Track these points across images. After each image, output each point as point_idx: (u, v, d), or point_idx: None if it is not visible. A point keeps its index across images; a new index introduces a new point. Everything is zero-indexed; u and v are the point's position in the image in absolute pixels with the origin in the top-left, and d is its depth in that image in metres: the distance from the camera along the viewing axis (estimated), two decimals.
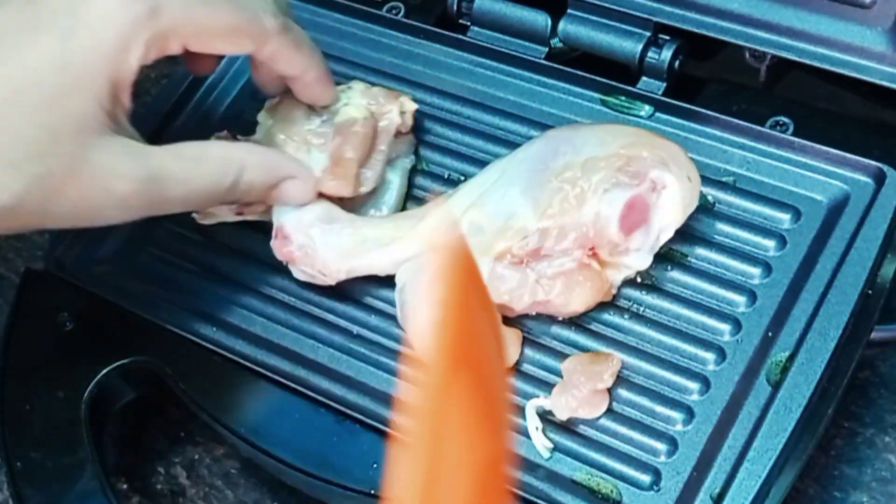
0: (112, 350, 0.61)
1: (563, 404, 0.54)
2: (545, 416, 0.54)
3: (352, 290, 0.60)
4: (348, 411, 0.56)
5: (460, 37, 0.67)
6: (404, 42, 0.68)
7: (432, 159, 0.64)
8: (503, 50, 0.66)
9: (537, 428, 0.54)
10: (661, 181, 0.55)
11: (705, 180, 0.58)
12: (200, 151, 0.55)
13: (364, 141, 0.59)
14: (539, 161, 0.57)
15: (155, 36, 0.51)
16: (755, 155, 0.60)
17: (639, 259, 0.56)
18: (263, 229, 0.62)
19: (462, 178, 0.62)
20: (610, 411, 0.54)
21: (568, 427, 0.54)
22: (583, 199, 0.55)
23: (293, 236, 0.58)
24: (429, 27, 0.68)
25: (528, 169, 0.57)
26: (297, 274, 0.60)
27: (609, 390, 0.54)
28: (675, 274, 0.57)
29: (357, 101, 0.61)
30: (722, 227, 0.58)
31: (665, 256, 0.57)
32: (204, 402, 0.58)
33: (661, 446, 0.53)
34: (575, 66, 0.65)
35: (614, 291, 0.57)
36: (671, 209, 0.55)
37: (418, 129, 0.64)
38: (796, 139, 0.59)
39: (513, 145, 0.61)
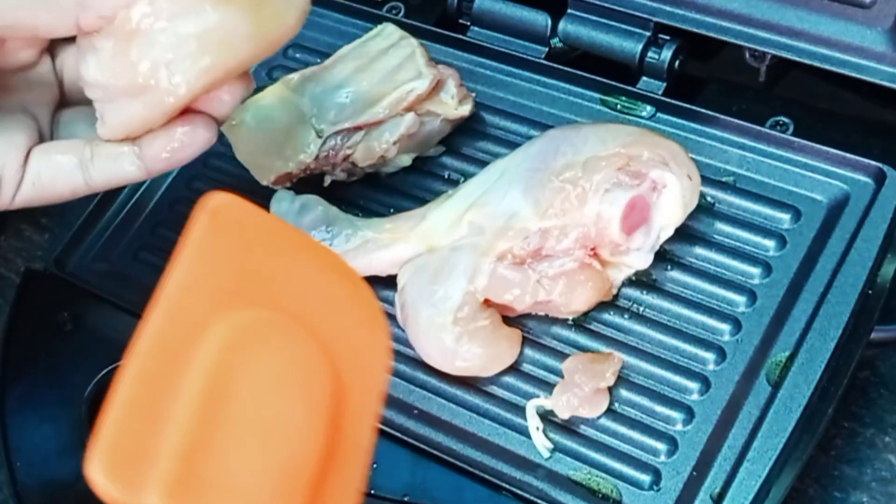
0: (112, 350, 0.61)
1: (564, 403, 0.54)
2: (545, 416, 0.54)
3: None
4: None
5: (460, 37, 0.67)
6: None
7: (432, 159, 0.64)
8: (503, 50, 0.66)
9: (538, 428, 0.54)
10: (661, 180, 0.55)
11: (705, 180, 0.58)
12: None
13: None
14: (540, 161, 0.57)
15: None
16: (755, 155, 0.60)
17: (640, 258, 0.56)
18: None
19: (462, 178, 0.62)
20: (610, 411, 0.54)
21: (568, 427, 0.54)
22: (584, 199, 0.55)
23: None
24: (429, 27, 0.68)
25: (528, 169, 0.57)
26: None
27: (609, 390, 0.54)
28: (676, 274, 0.57)
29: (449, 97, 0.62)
30: (722, 226, 0.58)
31: (665, 256, 0.57)
32: None
33: (661, 446, 0.53)
34: (575, 66, 0.65)
35: (615, 291, 0.57)
36: (671, 208, 0.55)
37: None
38: (796, 139, 0.59)
39: (513, 145, 0.61)
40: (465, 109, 0.63)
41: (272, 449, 0.32)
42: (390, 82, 0.61)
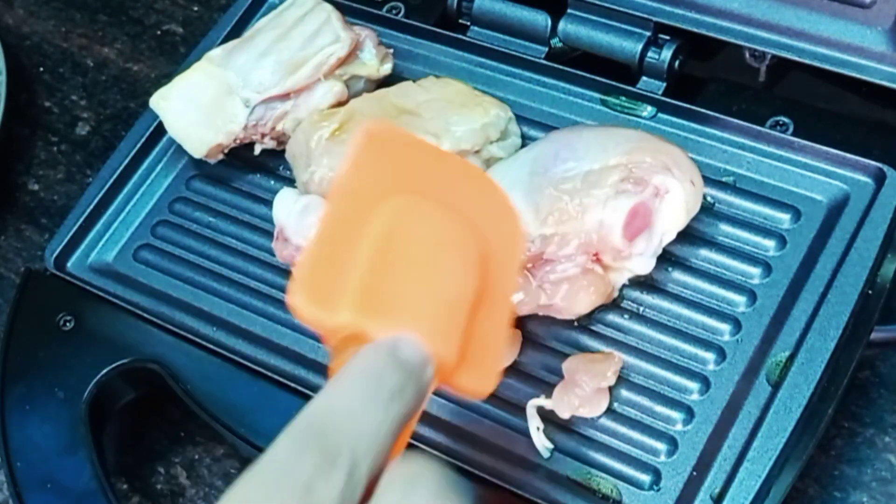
0: (112, 350, 0.61)
1: (565, 403, 0.54)
2: (545, 416, 0.54)
3: None
4: None
5: (460, 37, 0.67)
6: (404, 42, 0.68)
7: None
8: (503, 50, 0.66)
9: (538, 428, 0.54)
10: (664, 186, 0.54)
11: (705, 180, 0.57)
12: None
13: None
14: (540, 165, 0.56)
15: None
16: (755, 155, 0.60)
17: (642, 263, 0.55)
18: (265, 229, 0.63)
19: None
20: (610, 411, 0.54)
21: (568, 427, 0.54)
22: (586, 206, 0.54)
23: (293, 239, 0.58)
24: (429, 27, 0.68)
25: (529, 173, 0.56)
26: None
27: (610, 389, 0.54)
28: (676, 274, 0.57)
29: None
30: (722, 227, 0.58)
31: (665, 257, 0.57)
32: (204, 402, 0.58)
33: (661, 446, 0.53)
34: (575, 66, 0.65)
35: (616, 294, 0.57)
36: (674, 214, 0.55)
37: None
38: (796, 139, 0.59)
39: None
40: (387, 68, 0.65)
41: (436, 284, 0.39)
42: (310, 48, 0.63)
